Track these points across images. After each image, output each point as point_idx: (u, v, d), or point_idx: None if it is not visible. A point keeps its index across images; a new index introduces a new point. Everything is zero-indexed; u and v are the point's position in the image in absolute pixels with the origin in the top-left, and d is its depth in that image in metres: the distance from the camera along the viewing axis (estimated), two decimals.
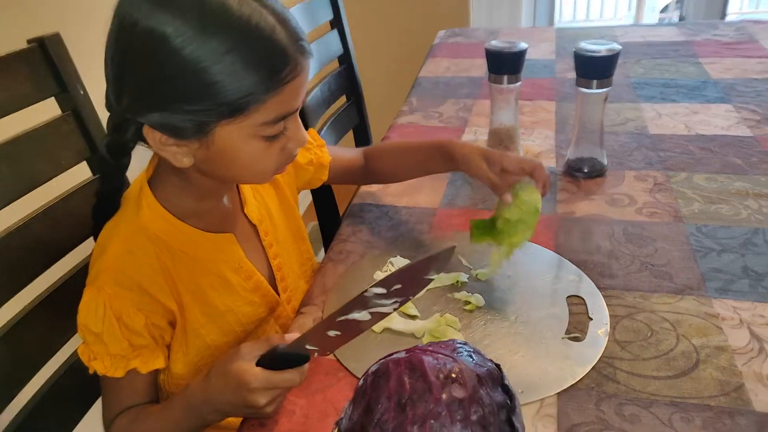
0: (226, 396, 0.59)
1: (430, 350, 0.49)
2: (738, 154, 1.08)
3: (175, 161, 0.62)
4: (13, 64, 0.75)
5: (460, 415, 0.45)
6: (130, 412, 0.69)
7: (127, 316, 0.65)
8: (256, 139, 0.61)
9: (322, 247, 1.47)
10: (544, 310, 0.75)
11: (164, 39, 0.54)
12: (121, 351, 0.66)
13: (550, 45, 1.74)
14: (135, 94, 0.58)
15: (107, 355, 0.66)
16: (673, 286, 0.78)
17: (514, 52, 1.00)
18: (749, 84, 1.37)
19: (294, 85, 0.60)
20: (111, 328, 0.64)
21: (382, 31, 2.49)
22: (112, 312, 0.64)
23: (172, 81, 0.56)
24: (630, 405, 0.62)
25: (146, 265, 0.67)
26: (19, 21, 1.15)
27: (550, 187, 0.78)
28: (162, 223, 0.68)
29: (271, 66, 0.57)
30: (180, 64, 0.55)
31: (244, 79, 0.56)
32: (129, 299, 0.65)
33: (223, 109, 0.58)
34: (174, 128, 0.59)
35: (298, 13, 1.36)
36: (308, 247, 0.91)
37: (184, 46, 0.54)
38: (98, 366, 0.66)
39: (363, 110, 1.64)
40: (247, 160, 0.63)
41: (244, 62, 0.56)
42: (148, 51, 0.55)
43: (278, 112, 0.60)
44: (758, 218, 0.90)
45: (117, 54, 0.58)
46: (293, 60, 0.59)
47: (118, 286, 0.65)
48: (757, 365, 0.65)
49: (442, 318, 0.74)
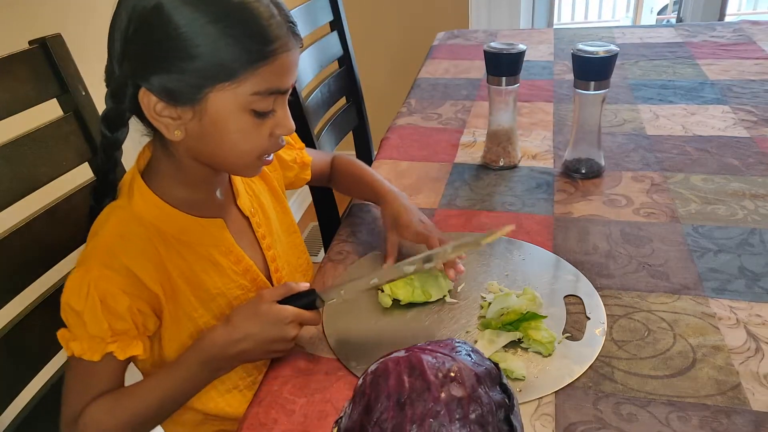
0: (262, 333, 0.67)
1: (429, 349, 0.49)
2: (735, 155, 1.09)
3: (168, 133, 0.65)
4: (14, 65, 0.75)
5: (458, 414, 0.45)
6: (105, 397, 0.67)
7: (111, 298, 0.65)
8: (246, 113, 0.65)
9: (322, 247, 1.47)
10: (541, 309, 0.75)
11: (158, 6, 0.59)
12: (100, 333, 0.65)
13: (548, 47, 1.75)
14: (137, 56, 0.62)
15: (86, 337, 0.65)
16: (670, 286, 0.79)
17: (513, 53, 1.01)
18: (746, 85, 1.38)
19: (284, 60, 0.64)
20: (93, 309, 0.65)
21: (381, 32, 2.50)
22: (96, 292, 0.65)
23: (173, 40, 0.60)
24: (627, 404, 0.62)
25: (137, 250, 0.68)
26: (20, 22, 1.15)
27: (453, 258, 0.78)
28: (154, 209, 0.70)
29: (264, 36, 0.62)
30: (181, 24, 0.59)
31: (238, 43, 0.61)
32: (116, 281, 0.66)
33: (217, 70, 0.62)
34: (170, 91, 0.62)
35: (299, 15, 1.37)
36: (300, 240, 0.93)
37: (186, 5, 0.59)
38: (76, 347, 0.66)
39: (363, 111, 1.65)
40: (237, 138, 0.66)
41: (241, 28, 0.61)
42: (153, 12, 0.60)
43: (269, 83, 0.64)
44: (755, 219, 0.91)
45: (120, 20, 0.62)
46: (285, 36, 0.64)
47: (107, 268, 0.66)
48: (753, 364, 0.66)
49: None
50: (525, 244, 0.88)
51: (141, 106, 0.64)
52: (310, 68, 1.38)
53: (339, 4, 1.54)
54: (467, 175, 1.09)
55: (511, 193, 1.03)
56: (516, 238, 0.90)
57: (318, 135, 1.37)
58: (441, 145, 1.22)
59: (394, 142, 1.24)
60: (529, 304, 0.73)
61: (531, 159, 1.14)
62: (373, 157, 1.26)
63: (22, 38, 0.79)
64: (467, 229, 0.94)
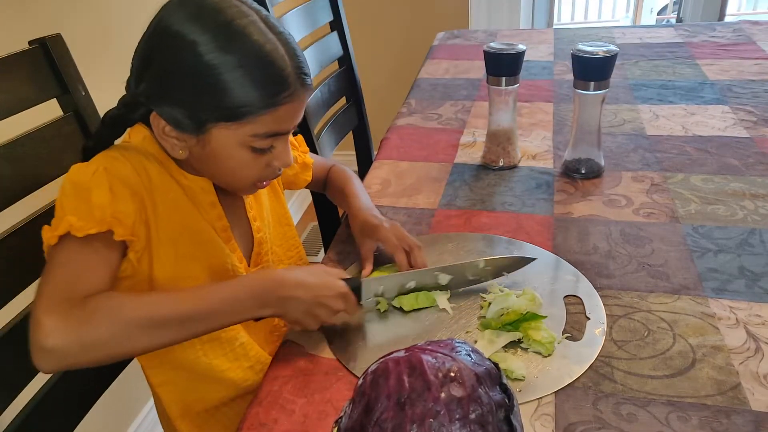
0: (317, 290, 0.69)
1: (429, 349, 0.49)
2: (735, 155, 1.09)
3: (173, 152, 0.71)
4: (14, 65, 0.75)
5: (458, 414, 0.45)
6: (128, 292, 0.66)
7: (119, 183, 0.66)
8: (245, 149, 0.70)
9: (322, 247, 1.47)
10: (541, 309, 0.75)
11: (192, 44, 0.64)
12: (103, 204, 0.63)
13: (548, 47, 1.75)
14: (153, 83, 0.67)
15: (85, 208, 0.63)
16: (670, 286, 0.79)
17: (513, 53, 1.01)
18: (746, 85, 1.38)
19: (288, 108, 0.69)
20: (100, 181, 0.65)
21: (381, 32, 2.50)
22: (105, 174, 0.66)
23: (188, 79, 0.65)
24: (627, 404, 0.62)
25: (137, 162, 0.70)
26: (20, 22, 1.15)
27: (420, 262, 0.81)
28: (150, 145, 0.72)
29: (271, 87, 0.66)
30: (198, 67, 0.64)
31: (247, 93, 0.65)
32: (123, 172, 0.67)
33: (223, 112, 0.67)
34: (177, 121, 0.68)
35: (298, 15, 1.37)
36: (294, 234, 0.94)
37: (206, 53, 0.64)
38: (72, 220, 0.62)
39: (363, 112, 1.65)
40: (234, 166, 0.71)
41: (251, 79, 0.65)
42: (175, 50, 0.65)
43: (269, 128, 0.69)
44: (755, 219, 0.91)
45: (147, 48, 0.67)
46: (292, 87, 0.68)
47: (114, 162, 0.68)
48: (753, 365, 0.66)
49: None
50: (525, 244, 0.88)
51: (151, 123, 0.69)
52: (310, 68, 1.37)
53: (339, 4, 1.54)
54: (467, 176, 1.10)
55: (511, 193, 1.03)
56: (516, 238, 0.90)
57: (318, 135, 1.37)
58: (441, 145, 1.22)
59: (394, 142, 1.24)
60: (529, 304, 0.73)
61: (531, 159, 1.14)
62: (373, 157, 1.26)
63: (22, 38, 0.79)
64: (467, 229, 0.94)
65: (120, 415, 1.48)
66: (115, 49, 1.16)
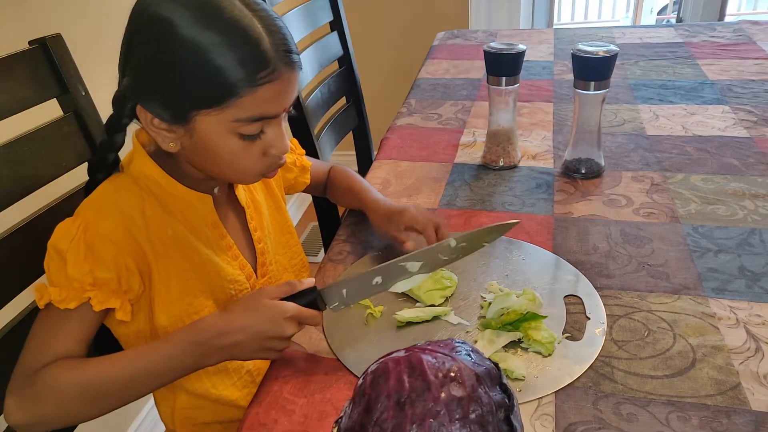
0: (258, 327, 0.65)
1: (429, 349, 0.49)
2: (735, 155, 1.09)
3: (163, 144, 0.67)
4: (14, 65, 0.75)
5: (458, 414, 0.45)
6: (72, 358, 0.65)
7: (99, 243, 0.65)
8: (233, 136, 0.66)
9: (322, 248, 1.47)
10: (541, 309, 0.75)
11: (166, 22, 0.61)
12: (80, 276, 0.64)
13: (548, 47, 1.75)
14: (134, 75, 0.65)
15: (65, 282, 0.64)
16: (670, 286, 0.79)
17: (513, 53, 1.01)
18: (746, 85, 1.38)
19: (270, 88, 0.64)
20: (77, 250, 0.64)
21: (381, 32, 2.50)
22: (84, 236, 0.65)
23: (164, 64, 0.62)
24: (627, 404, 0.62)
25: (129, 205, 0.69)
26: (20, 22, 1.15)
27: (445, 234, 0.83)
28: (149, 169, 0.71)
29: (248, 66, 0.62)
30: (172, 48, 0.61)
31: (222, 72, 0.61)
32: (105, 229, 0.66)
33: (201, 97, 0.63)
34: (159, 112, 0.65)
35: (298, 15, 1.37)
36: (296, 241, 0.93)
37: (181, 32, 0.61)
38: (53, 293, 0.64)
39: (362, 112, 1.65)
40: (227, 156, 0.68)
41: (226, 57, 0.61)
42: (150, 33, 0.62)
43: (253, 111, 0.65)
44: (755, 219, 0.91)
45: (126, 38, 0.65)
46: (271, 65, 0.63)
47: (99, 215, 0.67)
48: (753, 364, 0.66)
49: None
50: (525, 244, 0.89)
51: (139, 117, 0.67)
52: (310, 68, 1.38)
53: (339, 4, 1.54)
54: (467, 175, 1.10)
55: (511, 193, 1.03)
56: (516, 238, 0.90)
57: (318, 135, 1.37)
58: (441, 145, 1.22)
59: (394, 142, 1.24)
60: (529, 304, 0.73)
61: (531, 159, 1.14)
62: (373, 157, 1.26)
63: (22, 38, 0.79)
64: (467, 229, 0.94)
65: (120, 415, 1.49)
66: (115, 49, 1.16)
